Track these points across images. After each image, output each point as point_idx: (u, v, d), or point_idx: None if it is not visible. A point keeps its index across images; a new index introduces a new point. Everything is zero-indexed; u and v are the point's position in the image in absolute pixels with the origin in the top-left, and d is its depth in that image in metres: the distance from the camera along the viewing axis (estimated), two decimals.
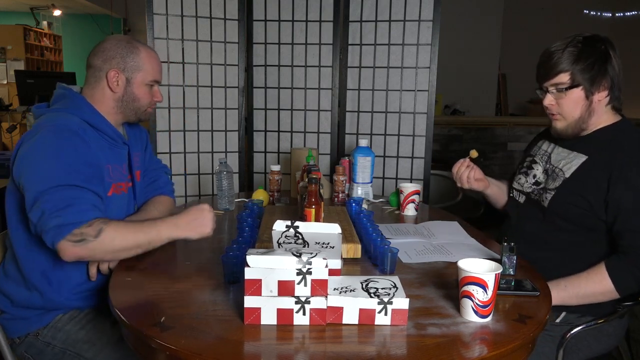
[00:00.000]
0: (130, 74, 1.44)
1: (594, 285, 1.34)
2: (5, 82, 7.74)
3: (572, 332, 1.33)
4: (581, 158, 1.45)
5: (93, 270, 1.34)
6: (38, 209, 1.18)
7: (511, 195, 1.67)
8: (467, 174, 1.62)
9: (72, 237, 1.17)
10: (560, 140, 1.54)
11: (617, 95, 1.43)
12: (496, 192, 1.73)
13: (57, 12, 8.47)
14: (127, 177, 1.49)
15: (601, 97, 1.42)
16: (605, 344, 1.46)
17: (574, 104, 1.42)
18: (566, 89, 1.41)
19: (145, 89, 1.47)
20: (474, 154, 1.61)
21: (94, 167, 1.31)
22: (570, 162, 1.48)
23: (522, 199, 1.60)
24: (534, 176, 1.58)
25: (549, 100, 1.46)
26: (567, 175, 1.46)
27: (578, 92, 1.41)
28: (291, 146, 2.51)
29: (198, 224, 1.32)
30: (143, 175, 1.60)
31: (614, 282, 1.32)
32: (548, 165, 1.55)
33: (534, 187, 1.56)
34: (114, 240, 1.22)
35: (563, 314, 1.43)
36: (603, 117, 1.46)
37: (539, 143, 1.65)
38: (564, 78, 1.41)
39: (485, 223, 1.76)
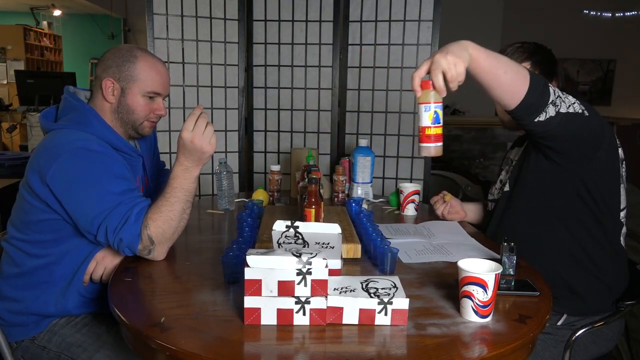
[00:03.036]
0: (125, 84, 1.38)
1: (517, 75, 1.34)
2: (5, 82, 7.76)
3: (577, 334, 1.33)
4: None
5: (87, 277, 1.35)
6: (102, 233, 1.24)
7: (488, 209, 1.73)
8: (443, 209, 1.75)
9: (142, 253, 1.27)
10: (520, 143, 1.64)
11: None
12: (472, 217, 1.81)
13: (57, 12, 8.46)
14: (141, 187, 1.49)
15: None
16: (602, 346, 1.47)
17: None
18: None
19: (141, 100, 1.40)
20: (447, 198, 1.76)
21: (126, 175, 1.34)
22: (518, 152, 1.58)
23: (492, 206, 1.67)
24: (500, 181, 1.65)
25: None
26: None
27: None
28: (291, 146, 2.51)
29: (200, 153, 1.34)
30: (150, 177, 1.60)
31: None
32: (509, 167, 1.63)
33: (500, 191, 1.62)
34: (165, 232, 1.27)
35: (564, 316, 1.43)
36: None
37: (507, 154, 1.74)
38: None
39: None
